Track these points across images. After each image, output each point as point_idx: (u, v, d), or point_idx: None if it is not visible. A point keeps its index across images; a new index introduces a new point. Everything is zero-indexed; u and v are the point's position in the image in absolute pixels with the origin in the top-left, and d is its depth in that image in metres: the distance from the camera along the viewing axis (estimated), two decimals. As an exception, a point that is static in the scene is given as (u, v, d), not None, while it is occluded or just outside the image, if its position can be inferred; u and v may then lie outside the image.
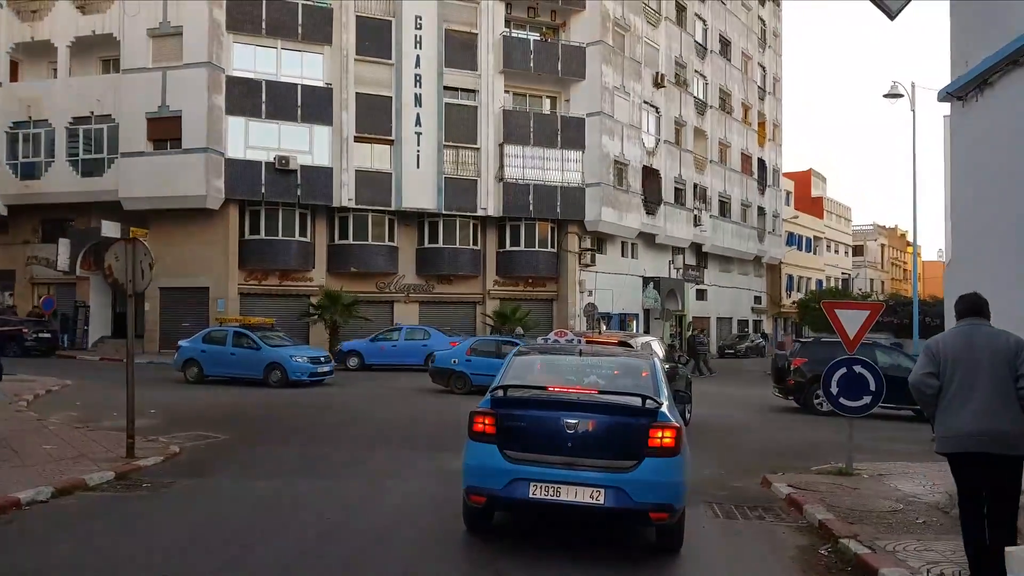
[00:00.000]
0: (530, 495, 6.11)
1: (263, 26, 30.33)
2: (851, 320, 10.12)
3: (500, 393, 6.56)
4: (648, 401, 6.23)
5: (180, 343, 22.21)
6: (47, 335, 28.49)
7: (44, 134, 30.93)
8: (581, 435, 6.15)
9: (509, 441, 6.27)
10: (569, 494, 6.06)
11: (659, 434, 6.12)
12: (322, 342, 30.52)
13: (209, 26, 29.26)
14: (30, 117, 30.95)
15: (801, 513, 7.89)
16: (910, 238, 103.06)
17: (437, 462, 10.03)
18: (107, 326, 32.01)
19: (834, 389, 9.97)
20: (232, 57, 30.23)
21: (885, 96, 27.81)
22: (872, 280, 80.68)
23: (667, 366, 12.75)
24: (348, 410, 15.90)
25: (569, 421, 6.18)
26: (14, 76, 32.07)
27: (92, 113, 30.46)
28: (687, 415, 14.40)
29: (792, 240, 59.55)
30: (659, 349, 13.73)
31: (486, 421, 6.38)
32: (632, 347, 12.60)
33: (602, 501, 5.99)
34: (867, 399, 9.76)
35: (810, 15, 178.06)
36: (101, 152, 30.48)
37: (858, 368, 9.86)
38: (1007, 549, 4.53)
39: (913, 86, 28.21)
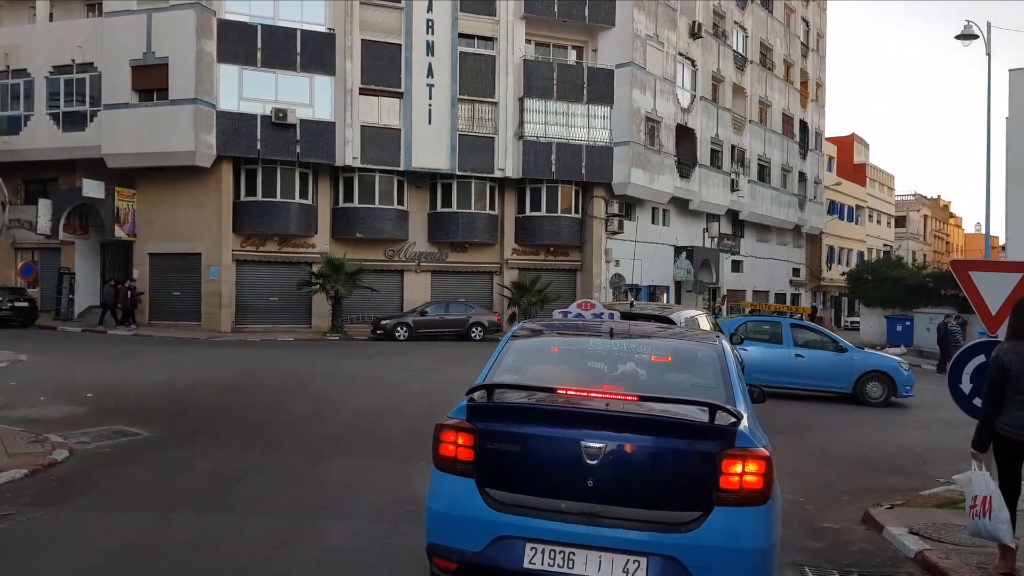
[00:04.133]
0: (525, 564, 3.74)
1: (259, -35, 27.46)
2: (994, 287, 7.13)
3: (482, 397, 4.07)
4: (719, 414, 3.80)
5: None
6: (24, 304, 26.18)
7: (23, 85, 28.35)
8: (610, 468, 3.78)
9: (494, 475, 3.92)
10: (590, 565, 3.69)
11: (738, 468, 3.73)
12: (324, 314, 28.03)
13: (199, -36, 26.48)
14: (8, 66, 28.39)
15: (957, 593, 5.03)
16: (953, 209, 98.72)
17: (403, 481, 7.29)
18: (96, 294, 29.66)
19: (966, 386, 7.01)
20: (225, -1, 27.43)
21: (958, 37, 24.31)
22: (914, 252, 76.52)
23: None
24: (320, 396, 13.21)
25: (591, 445, 3.80)
26: (-9, 22, 29.54)
27: (73, 61, 27.82)
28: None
29: (833, 208, 55.80)
30: (708, 326, 10.71)
31: (459, 441, 3.98)
32: (674, 324, 9.77)
33: None
34: (1019, 402, 6.78)
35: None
36: (83, 104, 27.85)
37: (1006, 357, 6.89)
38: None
39: (989, 26, 24.68)
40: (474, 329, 27.41)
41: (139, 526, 5.89)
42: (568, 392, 4.11)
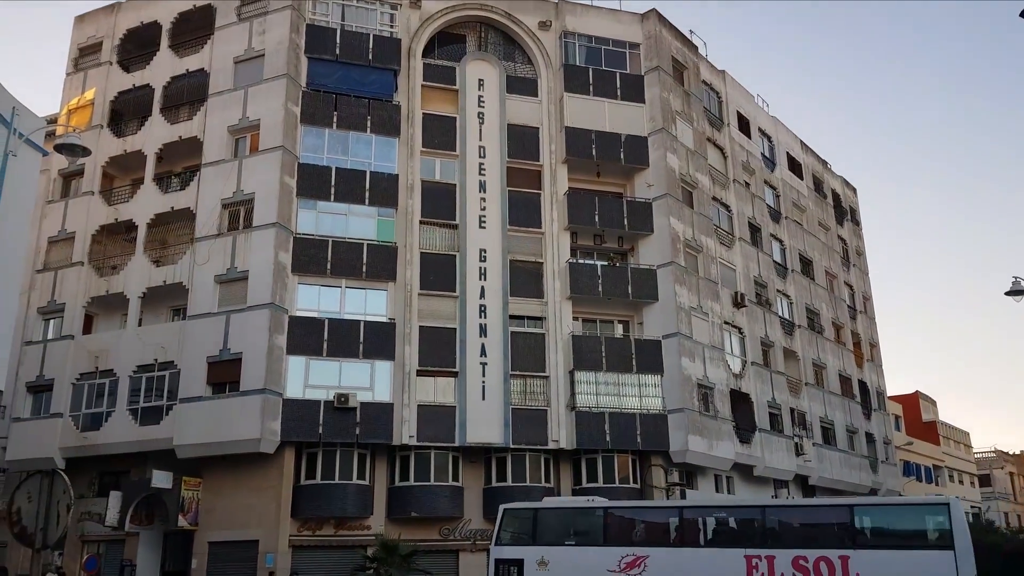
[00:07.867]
0: None
1: (328, 267, 30.25)
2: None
3: None
4: None
5: None
6: (81, 600, 26.03)
7: (108, 384, 30.56)
8: None
9: None
10: None
11: None
12: (377, 602, 26.94)
13: (275, 269, 29.29)
14: (97, 368, 30.88)
15: None
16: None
17: None
18: (153, 588, 29.38)
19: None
20: (296, 297, 29.94)
21: (1008, 294, 24.45)
22: (1006, 514, 70.91)
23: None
24: None
25: None
26: (87, 329, 32.55)
27: (156, 360, 30.06)
28: None
29: (909, 469, 53.30)
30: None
31: None
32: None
33: None
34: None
35: (892, 234, 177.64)
36: (161, 399, 29.64)
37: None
38: None
39: (1032, 280, 25.06)
40: (534, 615, 25.82)
41: None
42: None
